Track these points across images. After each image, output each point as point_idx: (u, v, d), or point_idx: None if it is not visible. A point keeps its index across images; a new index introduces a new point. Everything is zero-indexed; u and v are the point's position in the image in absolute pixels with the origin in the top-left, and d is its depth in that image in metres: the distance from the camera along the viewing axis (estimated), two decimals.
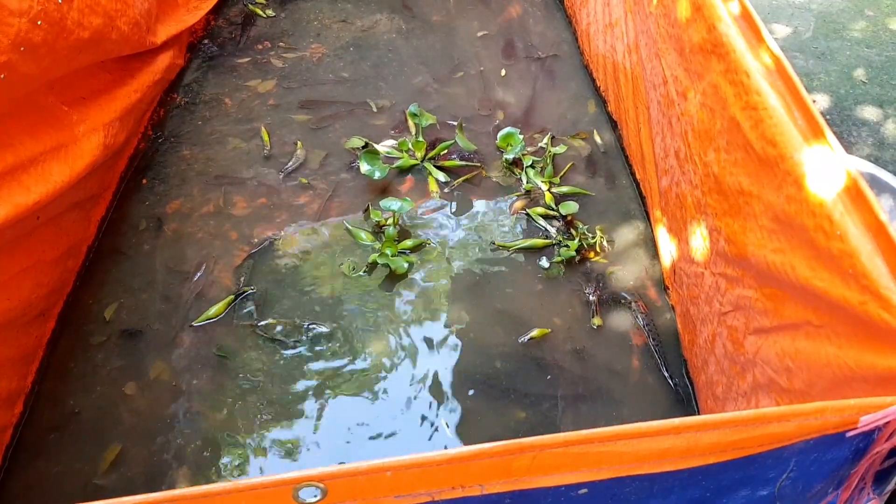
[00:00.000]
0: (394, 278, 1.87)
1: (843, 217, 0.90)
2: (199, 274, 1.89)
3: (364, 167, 2.08)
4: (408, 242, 1.94)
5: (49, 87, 1.71)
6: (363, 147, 2.19)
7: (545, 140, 2.26)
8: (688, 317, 1.64)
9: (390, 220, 1.97)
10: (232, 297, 1.82)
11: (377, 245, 1.93)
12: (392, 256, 1.87)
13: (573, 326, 1.77)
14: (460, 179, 2.15)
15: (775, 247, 1.10)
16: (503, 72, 2.57)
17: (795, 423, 0.73)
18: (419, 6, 2.89)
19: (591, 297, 1.82)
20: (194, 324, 1.77)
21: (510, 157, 2.17)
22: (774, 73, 1.16)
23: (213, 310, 1.79)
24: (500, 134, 2.23)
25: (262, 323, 1.77)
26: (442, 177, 2.15)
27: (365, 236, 1.96)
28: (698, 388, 1.60)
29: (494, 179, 2.17)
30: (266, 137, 2.29)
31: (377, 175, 2.07)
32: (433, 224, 2.03)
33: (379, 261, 1.87)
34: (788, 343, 1.07)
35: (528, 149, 2.23)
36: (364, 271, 1.89)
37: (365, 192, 2.11)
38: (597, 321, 1.77)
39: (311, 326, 1.77)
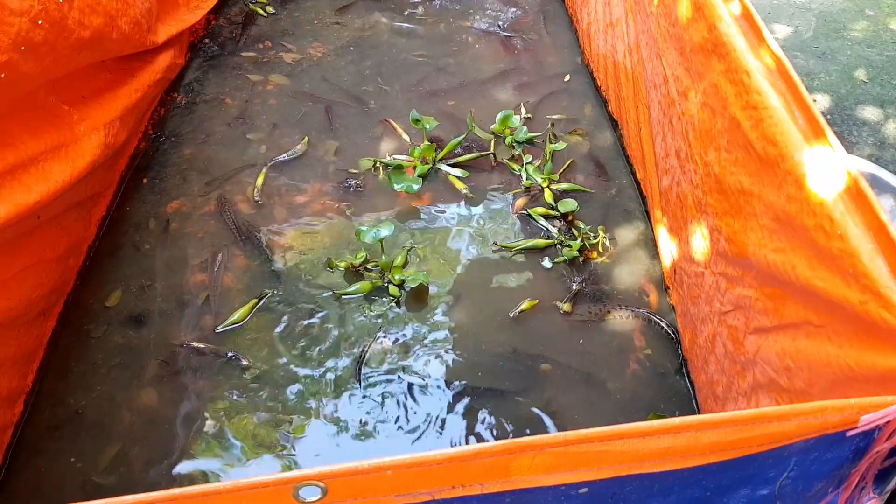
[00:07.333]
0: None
1: (844, 217, 0.90)
2: (199, 273, 1.89)
3: (397, 186, 2.07)
4: (398, 260, 1.87)
5: (50, 87, 1.71)
6: (385, 166, 2.17)
7: (545, 135, 2.26)
8: (688, 316, 1.64)
9: (363, 255, 1.87)
10: (255, 300, 1.81)
11: (378, 282, 1.84)
12: (405, 279, 1.82)
13: (576, 326, 1.77)
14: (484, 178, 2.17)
15: (776, 246, 1.10)
16: (503, 71, 2.57)
17: (795, 422, 0.73)
18: (419, 5, 2.89)
19: (574, 287, 1.84)
20: (218, 330, 1.74)
21: (520, 138, 2.21)
22: (775, 73, 1.16)
23: (237, 315, 1.78)
24: (497, 117, 2.23)
25: (280, 328, 1.78)
26: (459, 173, 2.16)
27: (360, 286, 1.83)
28: (698, 388, 1.60)
29: (495, 170, 2.19)
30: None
31: (415, 188, 2.07)
32: (424, 228, 2.03)
33: (408, 285, 1.82)
34: (789, 343, 1.07)
35: (530, 134, 2.26)
36: (393, 303, 1.82)
37: (369, 194, 2.12)
38: (565, 307, 1.79)
39: (310, 328, 1.77)
